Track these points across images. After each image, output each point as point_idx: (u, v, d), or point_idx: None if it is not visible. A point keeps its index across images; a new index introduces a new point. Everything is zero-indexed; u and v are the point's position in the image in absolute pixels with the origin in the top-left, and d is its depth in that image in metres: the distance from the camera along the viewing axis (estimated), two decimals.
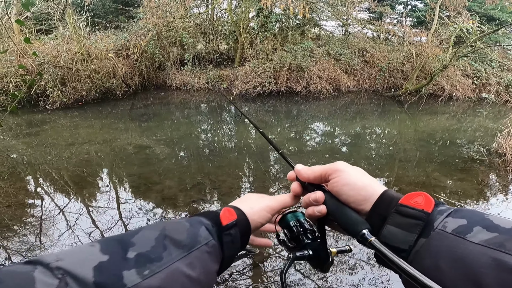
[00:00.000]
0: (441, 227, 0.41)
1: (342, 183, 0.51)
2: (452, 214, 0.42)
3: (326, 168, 0.54)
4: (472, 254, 0.36)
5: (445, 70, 9.57)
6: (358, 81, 10.96)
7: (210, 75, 10.56)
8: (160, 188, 4.09)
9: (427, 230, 0.42)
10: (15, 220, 3.39)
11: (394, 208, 0.46)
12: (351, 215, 0.49)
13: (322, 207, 0.53)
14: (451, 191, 4.17)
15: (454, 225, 0.40)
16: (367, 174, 0.53)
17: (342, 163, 0.54)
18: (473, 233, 0.38)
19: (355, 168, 0.54)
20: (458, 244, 0.38)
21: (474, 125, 7.76)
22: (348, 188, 0.51)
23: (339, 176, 0.52)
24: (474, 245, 0.37)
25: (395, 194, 0.48)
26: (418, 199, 0.45)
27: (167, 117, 8.16)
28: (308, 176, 0.57)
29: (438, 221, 0.42)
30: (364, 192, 0.49)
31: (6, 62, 7.87)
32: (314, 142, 6.65)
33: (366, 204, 0.49)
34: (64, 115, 7.65)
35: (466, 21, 9.67)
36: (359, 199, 0.49)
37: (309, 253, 0.54)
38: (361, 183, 0.50)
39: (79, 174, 4.50)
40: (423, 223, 0.43)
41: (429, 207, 0.44)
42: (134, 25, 10.46)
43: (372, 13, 13.62)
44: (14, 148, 5.66)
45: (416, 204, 0.44)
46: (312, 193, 0.54)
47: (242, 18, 10.64)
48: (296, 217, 0.60)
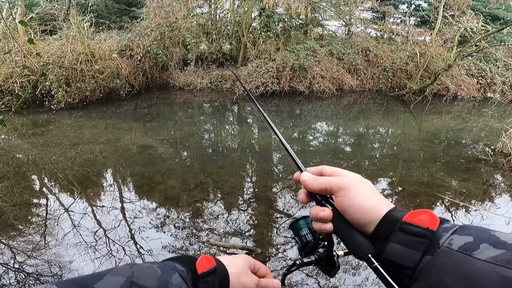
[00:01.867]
0: (447, 245, 0.40)
1: (347, 204, 0.50)
2: (458, 232, 0.42)
3: (332, 183, 0.52)
4: (479, 271, 0.36)
5: (450, 70, 9.51)
6: (361, 81, 10.92)
7: (213, 75, 10.58)
8: (163, 188, 4.11)
9: (432, 248, 0.42)
10: (20, 219, 3.43)
11: (397, 226, 0.45)
12: (356, 238, 0.49)
13: (329, 226, 0.52)
14: (455, 191, 4.14)
15: (460, 242, 0.40)
16: (375, 191, 0.52)
17: (349, 178, 0.52)
18: (480, 250, 0.38)
19: (362, 186, 0.51)
20: (464, 261, 0.38)
21: (479, 125, 7.71)
22: (352, 210, 0.49)
23: (343, 196, 0.50)
24: (481, 262, 0.36)
25: (399, 214, 0.47)
26: (423, 217, 0.45)
27: (171, 117, 8.19)
28: (313, 187, 0.54)
29: (443, 238, 0.42)
30: (368, 215, 0.49)
31: (11, 62, 7.95)
32: (317, 142, 6.64)
33: (370, 226, 0.48)
34: (69, 115, 7.71)
35: (470, 21, 9.60)
36: (362, 222, 0.49)
37: (316, 259, 0.55)
38: (366, 206, 0.49)
39: (84, 174, 4.53)
40: (428, 241, 0.42)
41: (434, 225, 0.43)
42: (138, 26, 10.50)
43: (375, 13, 13.57)
44: (20, 148, 5.71)
45: (421, 222, 0.44)
46: (321, 209, 0.52)
47: (244, 18, 10.65)
48: (307, 225, 0.60)
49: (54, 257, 2.84)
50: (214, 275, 0.51)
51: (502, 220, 3.44)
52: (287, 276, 0.58)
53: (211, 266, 0.52)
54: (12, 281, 2.56)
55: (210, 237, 3.14)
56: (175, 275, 0.47)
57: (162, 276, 0.46)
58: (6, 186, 4.15)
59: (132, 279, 0.43)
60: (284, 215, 3.59)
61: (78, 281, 0.41)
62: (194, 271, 0.50)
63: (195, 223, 3.40)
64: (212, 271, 0.51)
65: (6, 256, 2.87)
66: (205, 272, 0.50)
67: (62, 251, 2.91)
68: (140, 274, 0.45)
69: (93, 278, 0.42)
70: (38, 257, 2.84)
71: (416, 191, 4.08)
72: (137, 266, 0.46)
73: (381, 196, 0.51)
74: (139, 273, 0.45)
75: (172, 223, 3.41)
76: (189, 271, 0.50)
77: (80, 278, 0.42)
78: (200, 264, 0.51)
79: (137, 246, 3.00)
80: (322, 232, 0.54)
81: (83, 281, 0.41)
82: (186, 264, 0.51)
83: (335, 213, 0.51)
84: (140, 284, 0.43)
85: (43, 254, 2.88)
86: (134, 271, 0.45)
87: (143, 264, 0.48)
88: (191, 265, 0.51)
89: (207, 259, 0.53)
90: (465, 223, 3.40)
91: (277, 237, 3.22)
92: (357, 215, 0.49)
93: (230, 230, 3.30)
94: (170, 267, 0.49)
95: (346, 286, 2.52)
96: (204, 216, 3.54)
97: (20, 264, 2.76)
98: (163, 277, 0.46)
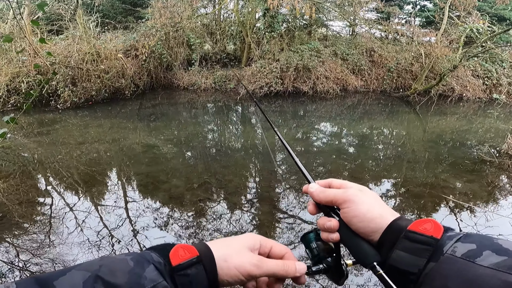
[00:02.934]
0: (451, 252, 0.42)
1: (352, 214, 0.52)
2: (461, 239, 0.43)
3: (338, 196, 0.54)
4: (481, 277, 0.37)
5: (455, 70, 9.45)
6: (365, 82, 10.89)
7: (217, 75, 10.61)
8: (167, 187, 4.13)
9: (437, 255, 0.43)
10: (25, 217, 3.46)
11: (403, 234, 0.47)
12: (361, 246, 0.51)
13: (336, 236, 0.54)
14: (460, 192, 4.12)
15: (464, 250, 0.41)
16: (380, 200, 0.54)
17: (354, 190, 0.54)
18: (482, 257, 0.39)
19: (367, 197, 0.53)
20: (467, 267, 0.39)
21: (484, 126, 7.64)
22: (357, 220, 0.51)
23: (349, 208, 0.52)
24: (484, 269, 0.37)
25: (404, 223, 0.48)
26: (427, 225, 0.46)
27: (175, 117, 8.23)
28: (320, 199, 0.56)
29: (447, 246, 0.43)
30: (373, 224, 0.50)
31: (18, 62, 8.03)
32: (320, 142, 6.63)
33: (375, 235, 0.50)
34: (75, 115, 7.77)
35: (476, 21, 9.52)
36: (368, 231, 0.50)
37: (325, 267, 0.57)
38: (370, 215, 0.51)
39: (88, 173, 4.57)
40: (432, 249, 0.44)
41: (438, 233, 0.45)
42: (143, 26, 10.57)
43: (380, 13, 13.51)
44: (26, 147, 5.77)
45: (425, 230, 0.46)
46: (327, 220, 0.55)
47: (248, 19, 10.66)
48: (317, 236, 0.62)
49: (58, 256, 2.86)
50: (198, 266, 0.45)
51: (506, 222, 3.41)
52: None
53: (190, 256, 0.45)
54: (17, 280, 2.58)
55: (213, 237, 3.15)
56: (150, 268, 0.42)
57: (134, 269, 0.40)
58: (12, 185, 4.19)
59: (98, 273, 0.38)
60: (287, 216, 3.60)
61: (39, 278, 0.37)
62: (169, 262, 0.44)
63: (199, 222, 3.42)
64: (194, 262, 0.45)
65: (10, 254, 2.90)
66: (182, 264, 0.44)
67: (66, 250, 2.93)
68: (108, 269, 0.39)
69: (55, 275, 0.38)
70: (42, 256, 2.86)
71: (420, 192, 4.06)
72: (107, 259, 0.42)
73: (386, 206, 0.53)
74: (107, 267, 0.40)
75: (176, 222, 3.43)
76: (166, 263, 0.44)
77: (43, 274, 0.38)
78: (174, 254, 0.45)
79: (140, 246, 3.02)
80: (329, 242, 0.57)
81: (44, 277, 0.37)
82: (164, 254, 0.45)
83: (342, 224, 0.54)
84: (106, 280, 0.38)
85: (47, 253, 2.90)
86: (102, 265, 0.40)
87: (116, 256, 0.43)
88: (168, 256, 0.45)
89: (185, 248, 0.46)
90: (470, 224, 3.38)
91: (281, 237, 3.23)
92: (362, 224, 0.51)
93: (234, 229, 3.31)
94: (145, 258, 0.43)
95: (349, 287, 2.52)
96: (207, 216, 3.56)
97: (24, 263, 2.78)
98: (135, 270, 0.40)
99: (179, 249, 0.46)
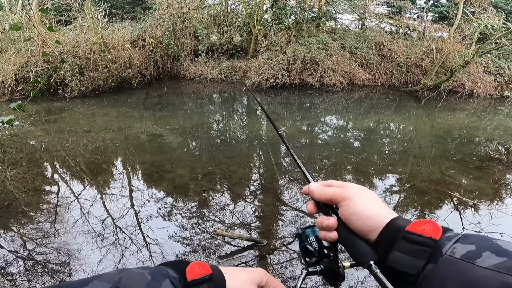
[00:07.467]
0: (450, 253, 0.41)
1: (350, 212, 0.52)
2: (460, 240, 0.43)
3: (336, 194, 0.54)
4: (481, 278, 0.36)
5: (467, 67, 9.24)
6: (373, 75, 10.74)
7: (224, 66, 10.58)
8: (172, 177, 4.16)
9: (435, 256, 0.43)
10: (31, 206, 3.51)
11: (401, 235, 0.46)
12: (359, 245, 0.51)
13: (334, 234, 0.54)
14: (466, 189, 4.07)
15: (463, 251, 0.41)
16: (378, 200, 0.54)
17: (352, 189, 0.54)
18: (482, 258, 0.38)
19: (365, 195, 0.53)
20: (467, 269, 0.38)
21: (494, 123, 7.50)
22: (355, 217, 0.51)
23: (347, 205, 0.52)
24: (483, 270, 0.37)
25: (401, 223, 0.48)
26: (426, 226, 0.45)
27: (180, 106, 8.25)
28: (320, 197, 0.57)
29: (446, 247, 0.42)
30: (371, 222, 0.50)
31: (27, 52, 8.10)
32: (326, 135, 6.59)
33: (373, 234, 0.50)
34: (82, 103, 7.84)
35: (491, 18, 9.28)
36: (365, 229, 0.50)
37: (321, 268, 0.57)
38: (368, 213, 0.51)
39: (94, 161, 4.62)
40: (430, 250, 0.43)
41: (437, 235, 0.44)
42: (150, 16, 10.54)
43: (391, 7, 13.24)
44: (33, 135, 5.85)
45: (424, 231, 0.45)
46: (326, 218, 0.55)
47: (256, 10, 10.55)
48: (314, 234, 0.62)
49: (63, 245, 2.89)
50: (209, 283, 0.47)
51: (510, 220, 3.37)
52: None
53: (204, 273, 0.48)
54: (21, 269, 2.62)
55: (217, 227, 3.17)
56: (166, 282, 0.44)
57: (151, 283, 0.43)
58: (19, 173, 4.26)
59: (118, 285, 0.40)
60: (291, 208, 3.60)
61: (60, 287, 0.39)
62: (185, 278, 0.47)
63: (202, 212, 3.44)
64: (207, 279, 0.47)
65: (16, 243, 2.93)
66: (197, 280, 0.47)
67: (71, 239, 2.97)
68: (128, 281, 0.42)
69: (78, 285, 0.40)
70: (48, 245, 2.90)
71: (426, 188, 4.02)
72: (126, 272, 0.44)
73: (384, 205, 0.53)
74: (127, 279, 0.42)
75: (180, 212, 3.46)
76: (181, 278, 0.47)
77: (64, 284, 0.41)
78: (190, 270, 0.48)
79: (144, 235, 3.05)
80: (327, 241, 0.56)
81: (65, 287, 0.39)
82: (179, 270, 0.48)
83: (340, 222, 0.54)
84: None
85: (52, 242, 2.93)
86: (122, 277, 0.42)
87: (134, 270, 0.45)
88: (184, 272, 0.48)
89: (200, 266, 0.49)
90: (473, 222, 3.34)
91: (283, 229, 3.23)
92: (359, 223, 0.51)
93: (237, 220, 3.32)
94: (162, 273, 0.46)
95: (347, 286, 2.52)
96: (211, 206, 3.58)
97: (30, 252, 2.82)
98: (152, 284, 0.43)
99: (195, 266, 0.49)
